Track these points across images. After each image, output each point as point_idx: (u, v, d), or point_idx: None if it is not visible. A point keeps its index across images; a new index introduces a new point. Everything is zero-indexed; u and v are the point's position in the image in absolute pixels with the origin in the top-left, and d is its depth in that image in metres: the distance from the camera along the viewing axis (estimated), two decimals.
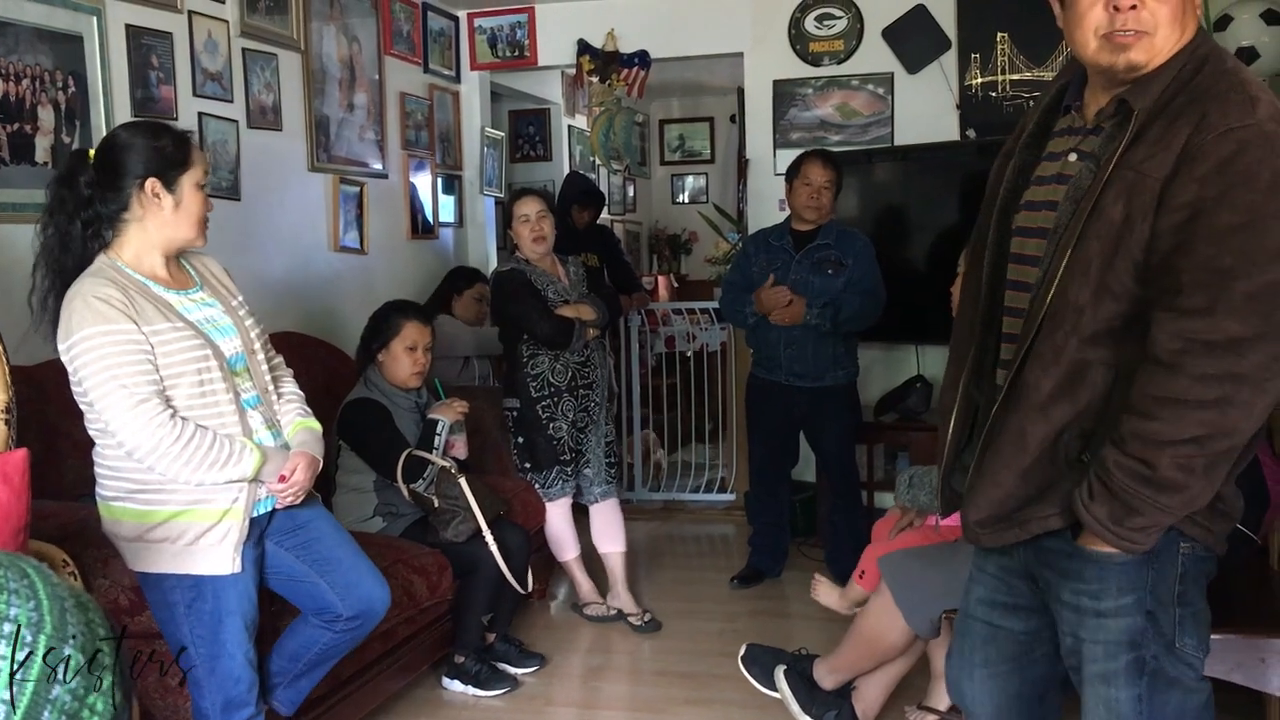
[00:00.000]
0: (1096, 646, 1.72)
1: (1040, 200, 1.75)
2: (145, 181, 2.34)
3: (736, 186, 8.92)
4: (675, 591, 4.49)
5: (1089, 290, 1.62)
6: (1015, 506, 1.74)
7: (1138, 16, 1.60)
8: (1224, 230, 1.52)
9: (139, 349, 2.26)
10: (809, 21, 5.40)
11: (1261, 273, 1.51)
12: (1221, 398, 1.53)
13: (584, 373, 4.04)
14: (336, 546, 2.63)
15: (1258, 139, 1.53)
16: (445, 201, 5.67)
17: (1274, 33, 3.82)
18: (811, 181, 4.28)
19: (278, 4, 4.26)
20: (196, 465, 2.28)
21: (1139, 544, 1.63)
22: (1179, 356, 1.54)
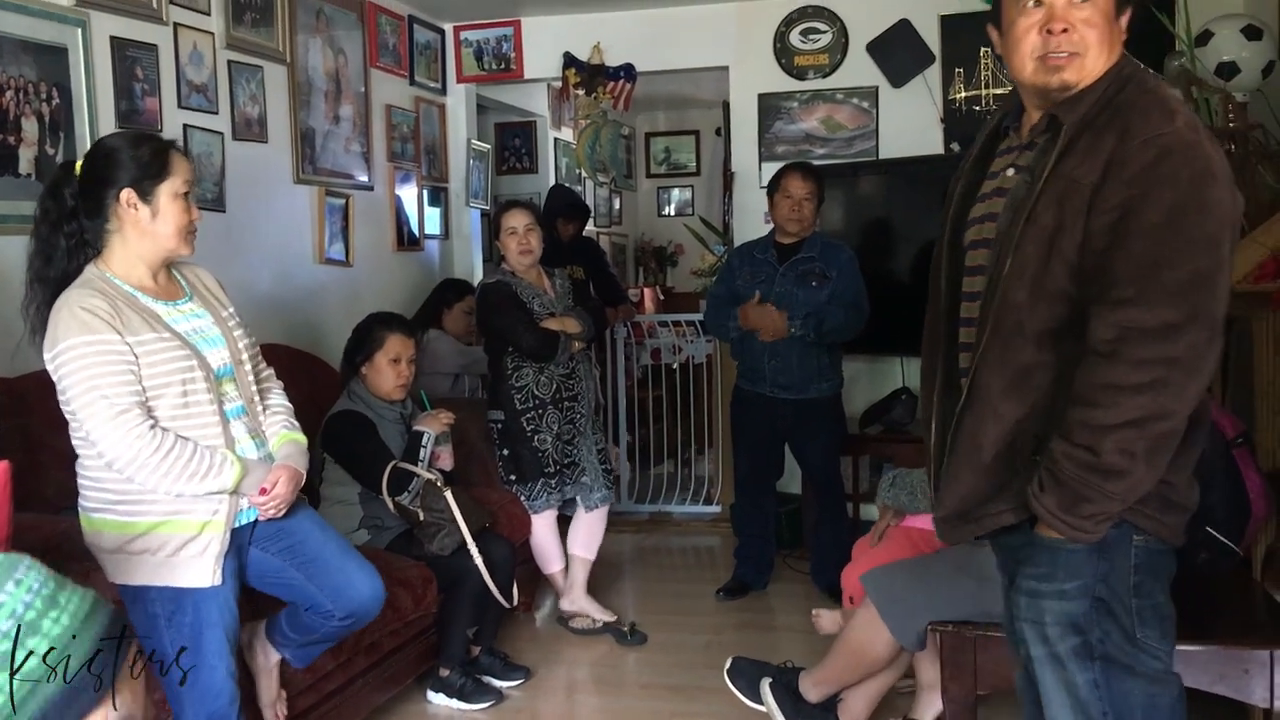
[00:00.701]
0: (1045, 628, 1.82)
1: (983, 214, 1.89)
2: (121, 193, 2.34)
3: (722, 199, 8.95)
4: (661, 604, 4.49)
5: (1026, 292, 1.74)
6: (975, 504, 1.85)
7: (1069, 39, 1.75)
8: (1151, 227, 1.65)
9: (122, 360, 2.25)
10: (794, 35, 5.43)
11: (1186, 263, 1.64)
12: (1156, 380, 1.64)
13: (569, 385, 4.04)
14: (322, 548, 2.61)
15: (1177, 145, 1.68)
16: (431, 213, 5.67)
17: (1254, 48, 3.84)
18: (792, 194, 4.29)
19: (263, 16, 4.27)
20: (175, 477, 2.27)
21: (1089, 532, 1.72)
22: (1116, 345, 1.66)
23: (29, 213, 3.14)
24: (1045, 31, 1.76)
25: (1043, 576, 1.81)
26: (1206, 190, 1.67)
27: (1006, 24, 1.83)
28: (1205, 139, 1.72)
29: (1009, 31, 1.82)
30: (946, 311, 1.94)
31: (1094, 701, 1.80)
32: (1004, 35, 1.85)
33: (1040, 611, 1.82)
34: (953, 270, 1.94)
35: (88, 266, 2.36)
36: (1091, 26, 1.75)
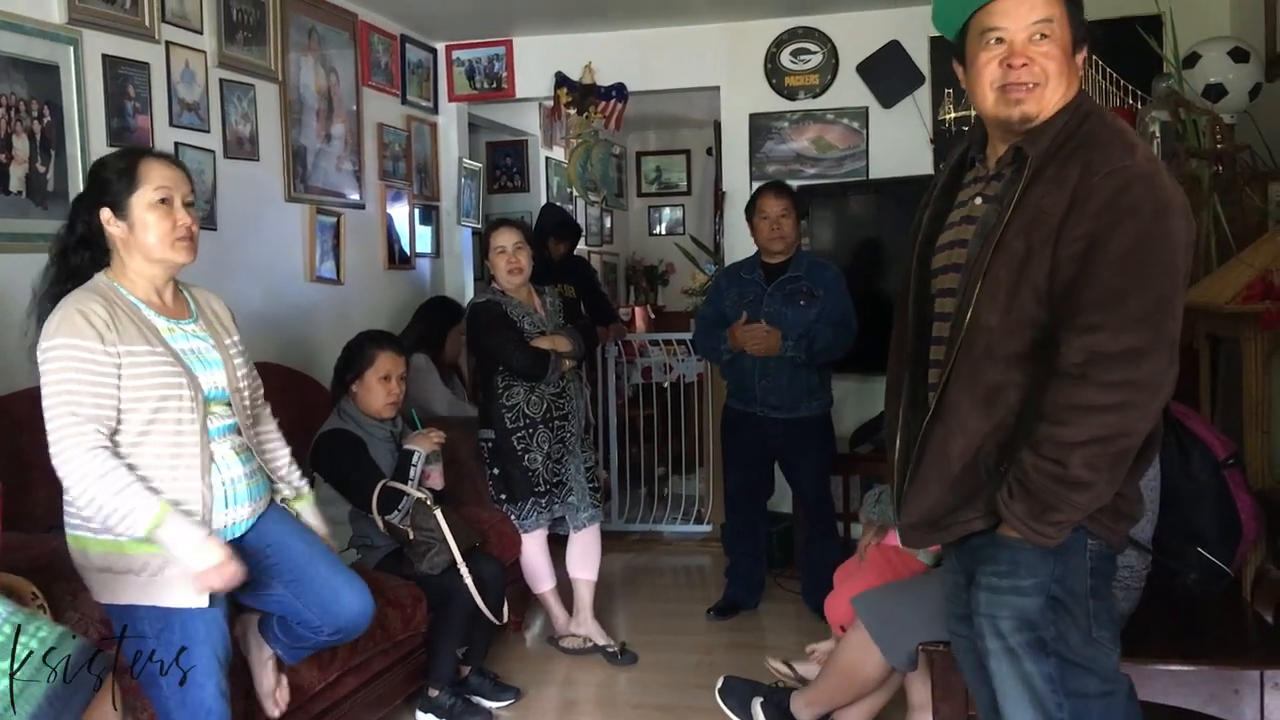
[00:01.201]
0: (1002, 622, 1.92)
1: (951, 240, 2.00)
2: (100, 212, 2.38)
3: (713, 219, 8.97)
4: (652, 623, 4.48)
5: (998, 315, 1.84)
6: (942, 513, 1.96)
7: (1029, 71, 1.86)
8: (1117, 257, 1.75)
9: (100, 371, 2.26)
10: (784, 56, 5.46)
11: (1149, 291, 1.75)
12: (1123, 402, 1.76)
13: (559, 404, 4.04)
14: (309, 564, 2.60)
15: (1139, 177, 1.78)
16: (422, 232, 5.67)
17: (1241, 70, 3.87)
18: (769, 214, 4.30)
19: (255, 35, 4.27)
20: (98, 506, 2.24)
21: (1051, 538, 1.84)
22: (1084, 368, 1.76)
23: (20, 230, 3.18)
24: (1006, 64, 1.87)
25: (1002, 574, 1.92)
26: (1166, 220, 1.77)
27: (969, 58, 1.93)
28: (1162, 170, 1.83)
29: (971, 65, 1.93)
30: (914, 331, 2.04)
31: (1049, 695, 1.90)
32: (967, 69, 1.95)
33: (998, 606, 1.92)
34: (920, 292, 2.05)
35: (99, 274, 2.40)
36: (1050, 59, 1.86)
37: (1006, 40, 1.87)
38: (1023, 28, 1.86)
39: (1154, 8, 4.17)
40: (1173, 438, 2.62)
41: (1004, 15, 1.87)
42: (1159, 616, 2.63)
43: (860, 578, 3.09)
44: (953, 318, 1.91)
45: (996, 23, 1.88)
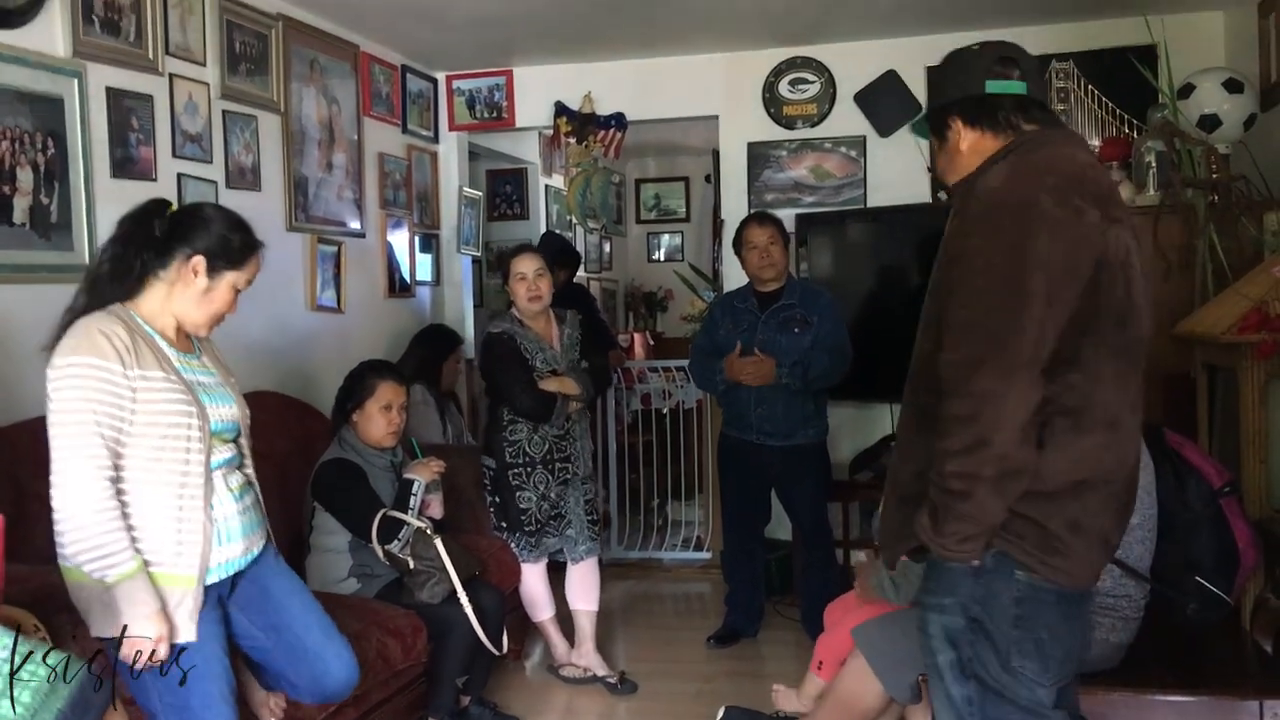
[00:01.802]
0: (930, 640, 2.02)
1: None
2: (195, 256, 2.43)
3: (712, 246, 9.00)
4: (651, 651, 4.47)
5: (929, 343, 1.97)
6: (895, 530, 2.07)
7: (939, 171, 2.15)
8: (968, 276, 1.88)
9: (118, 394, 2.28)
10: (782, 85, 5.50)
11: (992, 309, 1.83)
12: (975, 412, 1.82)
13: (561, 446, 4.02)
14: (304, 631, 2.62)
15: (1005, 200, 1.88)
16: (422, 260, 5.70)
17: (1235, 100, 3.91)
18: (756, 243, 4.32)
19: (258, 66, 4.31)
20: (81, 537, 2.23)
21: (952, 552, 1.89)
22: (947, 382, 1.87)
23: (23, 262, 3.20)
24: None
25: (928, 590, 2.03)
26: (1021, 242, 1.82)
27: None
28: (1045, 191, 1.85)
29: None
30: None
31: (968, 716, 1.98)
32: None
33: (925, 622, 2.03)
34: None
35: (114, 305, 2.40)
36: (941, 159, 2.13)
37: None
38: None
39: (1148, 38, 4.22)
40: (1168, 466, 2.63)
41: None
42: (1159, 647, 2.64)
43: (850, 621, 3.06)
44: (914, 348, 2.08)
45: None
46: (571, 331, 4.12)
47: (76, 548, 2.24)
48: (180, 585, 2.34)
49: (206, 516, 2.40)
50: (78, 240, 3.39)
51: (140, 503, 2.32)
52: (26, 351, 3.17)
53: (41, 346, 2.37)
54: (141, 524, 2.32)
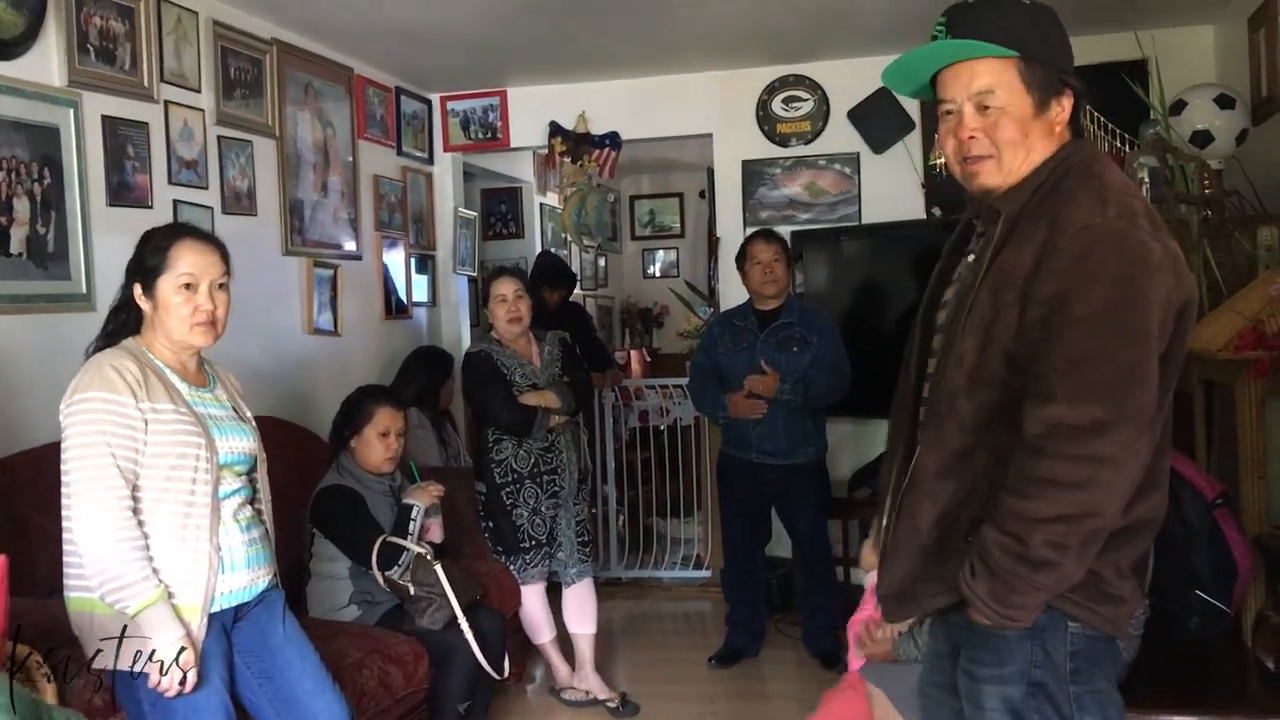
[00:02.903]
0: (985, 713, 1.82)
1: (948, 299, 1.92)
2: (133, 286, 2.48)
3: (707, 263, 9.02)
4: (652, 672, 4.46)
5: (964, 378, 1.76)
6: (910, 584, 1.87)
7: (979, 144, 1.78)
8: (1079, 321, 1.65)
9: (132, 427, 2.32)
10: (776, 103, 5.52)
11: (1116, 360, 1.64)
12: (1089, 479, 1.63)
13: (547, 459, 4.02)
14: (298, 683, 2.61)
15: (1106, 236, 1.67)
16: (419, 281, 5.70)
17: (1227, 116, 3.93)
18: (761, 259, 4.34)
19: (253, 92, 4.32)
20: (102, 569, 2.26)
21: (1017, 620, 1.73)
22: (1045, 440, 1.65)
23: (21, 292, 3.20)
24: (959, 139, 1.80)
25: (979, 660, 1.82)
26: (1136, 281, 1.65)
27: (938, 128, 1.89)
28: (1142, 226, 1.69)
29: (938, 136, 1.90)
30: (914, 390, 1.96)
31: None
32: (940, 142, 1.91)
33: (979, 694, 1.83)
34: (922, 350, 1.97)
35: (128, 339, 2.47)
36: (997, 130, 1.77)
37: (955, 111, 1.81)
38: (966, 99, 1.78)
39: (1139, 53, 4.23)
40: None
41: (947, 86, 1.81)
42: (1161, 665, 2.63)
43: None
44: (932, 379, 1.87)
45: (943, 94, 1.82)
46: (552, 349, 4.16)
47: (99, 579, 2.27)
48: (184, 615, 2.35)
49: (212, 546, 2.41)
50: (75, 269, 3.39)
51: (149, 532, 2.34)
52: (25, 382, 3.18)
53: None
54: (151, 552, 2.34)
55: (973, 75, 1.77)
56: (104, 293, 3.37)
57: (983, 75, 1.77)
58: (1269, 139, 4.10)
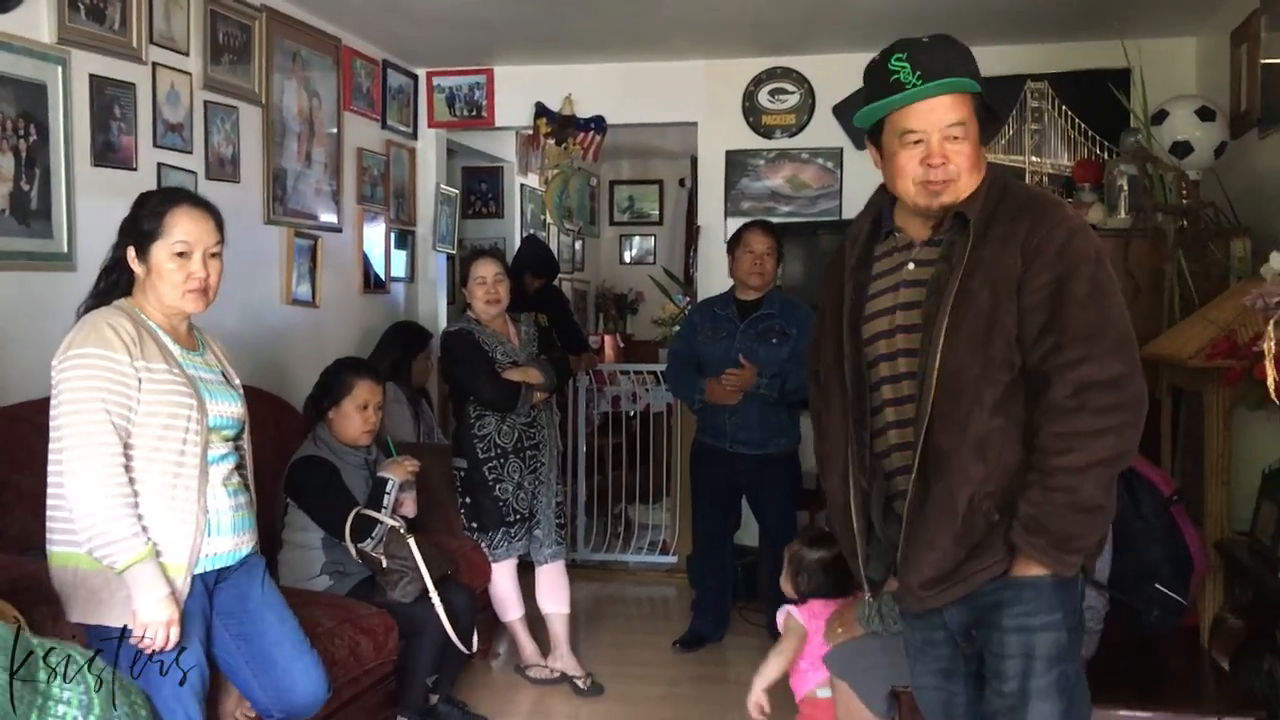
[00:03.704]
0: (1035, 662, 1.96)
1: (891, 305, 2.08)
2: (127, 249, 2.46)
3: (685, 250, 9.05)
4: (617, 654, 4.49)
5: (979, 365, 1.94)
6: (952, 566, 2.00)
7: (945, 169, 1.98)
8: (1083, 296, 1.91)
9: (126, 384, 2.33)
10: (762, 95, 5.54)
11: (1116, 324, 1.92)
12: (1121, 424, 1.89)
13: (530, 434, 4.06)
14: (277, 646, 2.63)
15: (1078, 228, 1.98)
16: (397, 256, 5.69)
17: (1206, 128, 3.99)
18: (754, 249, 4.37)
19: (241, 57, 4.29)
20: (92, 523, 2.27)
21: (1073, 567, 1.96)
22: (1079, 398, 1.88)
23: (3, 249, 3.17)
24: (925, 164, 1.98)
25: (1034, 612, 1.97)
26: (1106, 264, 1.97)
27: (888, 152, 2.04)
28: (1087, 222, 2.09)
29: (891, 160, 2.04)
30: (855, 400, 2.09)
31: None
32: (885, 160, 2.07)
33: (1032, 645, 1.96)
34: (856, 363, 2.10)
35: (121, 299, 2.47)
36: (962, 156, 1.99)
37: (923, 141, 1.98)
38: (937, 130, 1.97)
39: (1123, 62, 4.29)
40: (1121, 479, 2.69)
41: (920, 119, 1.98)
42: (1120, 662, 2.70)
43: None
44: (918, 375, 2.00)
45: (913, 125, 1.98)
46: (528, 329, 4.19)
47: (88, 534, 2.28)
48: (169, 574, 2.37)
49: (200, 508, 2.43)
50: (57, 228, 3.36)
51: (139, 490, 2.35)
52: (2, 340, 3.16)
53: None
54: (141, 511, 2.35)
55: (946, 109, 1.97)
56: (85, 253, 3.36)
57: (955, 109, 1.98)
58: (1246, 152, 4.17)
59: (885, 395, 2.07)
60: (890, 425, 2.07)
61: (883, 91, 2.01)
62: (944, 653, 2.14)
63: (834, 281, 2.19)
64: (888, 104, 2.00)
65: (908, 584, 2.05)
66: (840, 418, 2.12)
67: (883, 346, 2.07)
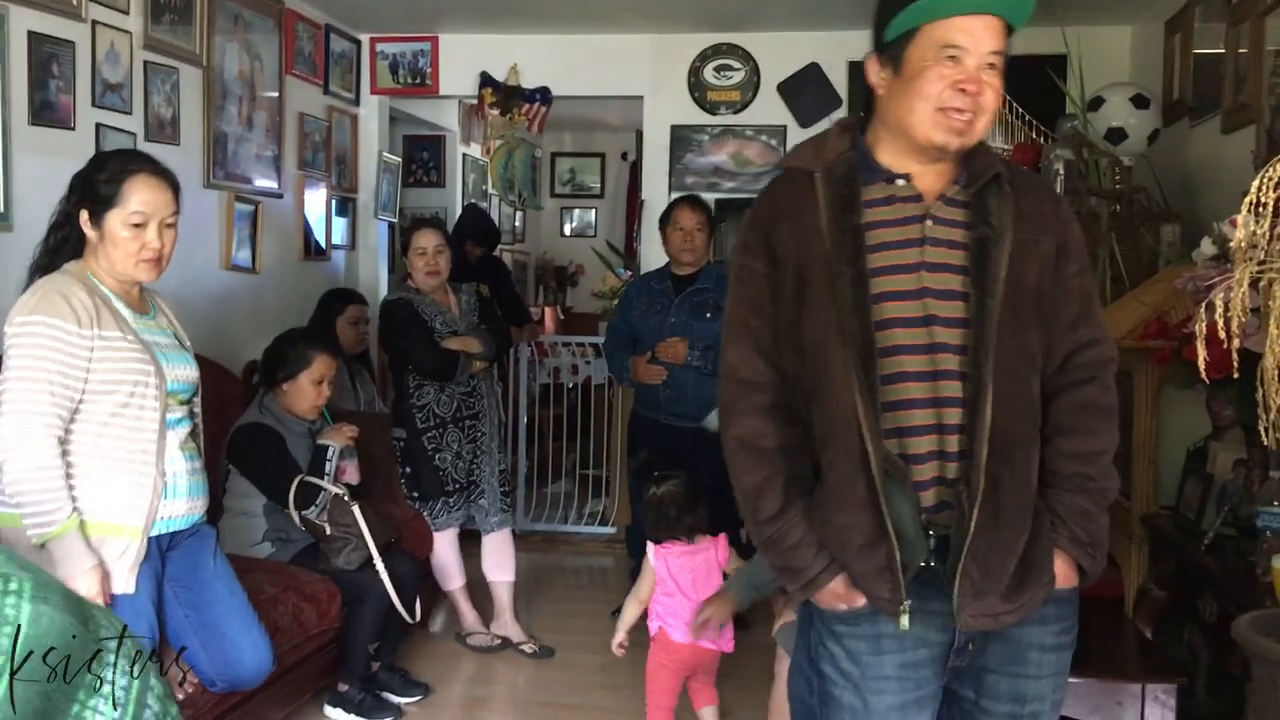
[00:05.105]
0: (1064, 679, 1.80)
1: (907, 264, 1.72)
2: (80, 211, 2.41)
3: (626, 224, 9.06)
4: (557, 623, 4.53)
5: (1035, 340, 1.73)
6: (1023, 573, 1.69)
7: (977, 100, 1.68)
8: (1094, 291, 1.84)
9: (74, 354, 2.30)
10: (708, 71, 5.57)
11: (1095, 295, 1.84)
12: (1117, 404, 1.80)
13: (469, 403, 4.07)
14: (225, 617, 2.64)
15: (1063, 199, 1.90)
16: (338, 223, 5.64)
17: (1142, 115, 4.10)
18: (684, 225, 4.36)
19: (182, 17, 4.22)
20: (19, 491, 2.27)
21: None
22: (1110, 398, 1.78)
23: None
24: (957, 87, 1.66)
25: (1067, 629, 1.78)
26: None
27: (912, 70, 1.70)
28: None
29: (914, 79, 1.69)
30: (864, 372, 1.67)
31: None
32: (900, 76, 1.72)
33: (1065, 663, 1.79)
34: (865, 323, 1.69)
35: (71, 262, 2.43)
36: (994, 92, 1.69)
37: (962, 61, 1.67)
38: (978, 54, 1.67)
39: (1061, 48, 4.38)
40: None
41: (968, 34, 1.66)
42: None
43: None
44: (971, 348, 1.68)
45: (958, 39, 1.66)
46: (468, 299, 4.20)
47: (15, 501, 2.29)
48: (125, 536, 2.38)
49: (158, 471, 2.43)
50: None
51: (95, 456, 2.35)
52: None
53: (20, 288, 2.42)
54: (95, 477, 2.35)
55: (994, 33, 1.68)
56: (22, 212, 3.30)
57: (1000, 37, 1.69)
58: (1177, 140, 4.30)
59: (906, 366, 1.69)
60: (914, 402, 1.69)
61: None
62: (925, 675, 1.72)
63: (798, 230, 1.75)
64: (942, 3, 1.66)
65: (982, 601, 1.66)
66: (845, 393, 1.68)
67: (905, 309, 1.70)
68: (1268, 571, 2.28)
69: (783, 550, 1.78)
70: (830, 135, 1.84)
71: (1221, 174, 3.82)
